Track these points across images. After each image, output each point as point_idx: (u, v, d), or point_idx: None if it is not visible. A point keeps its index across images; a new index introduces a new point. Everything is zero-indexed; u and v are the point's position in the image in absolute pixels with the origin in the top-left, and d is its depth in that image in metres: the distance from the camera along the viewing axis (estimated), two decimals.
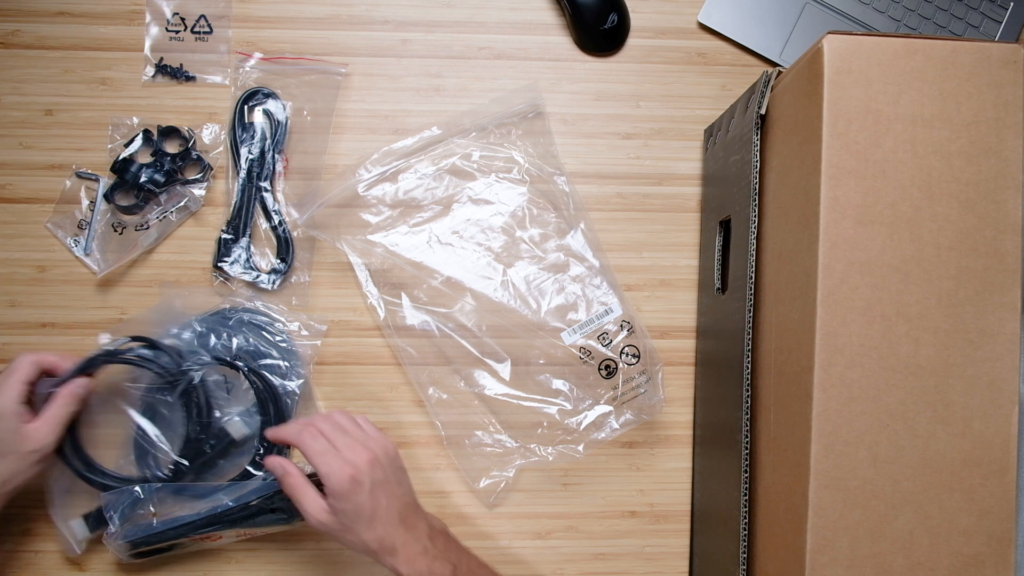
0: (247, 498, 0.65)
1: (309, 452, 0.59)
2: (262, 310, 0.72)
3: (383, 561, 0.59)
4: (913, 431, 0.52)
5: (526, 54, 0.77)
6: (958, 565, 0.51)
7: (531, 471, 0.74)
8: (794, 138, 0.57)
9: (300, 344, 0.72)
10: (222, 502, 0.65)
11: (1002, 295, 0.52)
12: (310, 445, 0.60)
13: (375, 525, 0.58)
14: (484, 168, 0.74)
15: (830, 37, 0.52)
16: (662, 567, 0.75)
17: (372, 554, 0.59)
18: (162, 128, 0.73)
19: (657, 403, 0.71)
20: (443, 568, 0.60)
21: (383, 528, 0.59)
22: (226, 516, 0.65)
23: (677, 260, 0.77)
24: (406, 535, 0.60)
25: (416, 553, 0.59)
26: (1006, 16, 0.78)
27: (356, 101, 0.76)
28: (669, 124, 0.78)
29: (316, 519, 0.58)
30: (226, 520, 0.65)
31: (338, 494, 0.57)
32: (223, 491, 0.67)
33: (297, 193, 0.74)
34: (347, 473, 0.58)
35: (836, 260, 0.52)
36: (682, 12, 0.78)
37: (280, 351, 0.71)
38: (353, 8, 0.76)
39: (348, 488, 0.58)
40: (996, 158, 0.52)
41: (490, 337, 0.73)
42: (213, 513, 0.65)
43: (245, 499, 0.65)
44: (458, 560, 0.61)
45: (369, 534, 0.58)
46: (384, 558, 0.59)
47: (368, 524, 0.58)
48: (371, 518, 0.58)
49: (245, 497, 0.65)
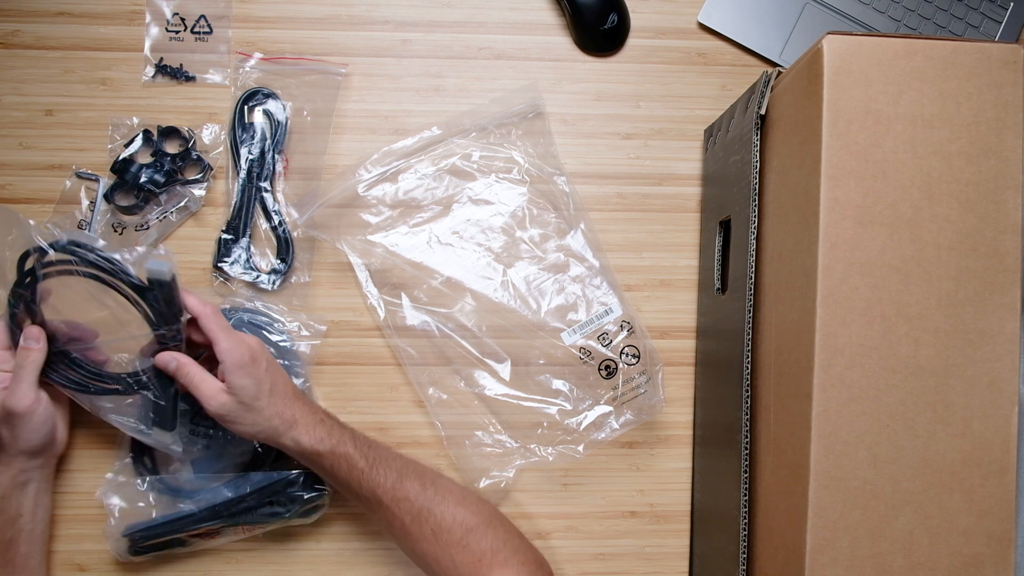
0: (244, 490, 0.66)
1: (213, 326, 0.61)
2: (262, 310, 0.72)
3: (283, 437, 0.61)
4: (913, 431, 0.52)
5: (526, 54, 0.77)
6: (958, 565, 0.51)
7: (531, 471, 0.74)
8: (794, 138, 0.57)
9: (300, 344, 0.72)
10: (221, 495, 0.66)
11: (1002, 295, 0.52)
12: (214, 320, 0.62)
13: (275, 399, 0.61)
14: (484, 168, 0.74)
15: (830, 37, 0.52)
16: (662, 567, 0.75)
17: (272, 432, 0.61)
18: (162, 128, 0.73)
19: (657, 403, 0.71)
20: (341, 434, 0.63)
21: (282, 402, 0.62)
22: (223, 509, 0.66)
23: (677, 260, 0.77)
24: (303, 408, 0.63)
25: (315, 422, 0.63)
26: (1006, 16, 0.78)
27: (356, 101, 0.76)
28: (669, 124, 0.78)
29: (217, 401, 0.60)
30: (225, 513, 0.66)
31: (239, 368, 0.60)
32: (221, 485, 0.67)
33: (297, 193, 0.74)
34: (246, 347, 0.61)
35: (836, 260, 0.52)
36: (682, 12, 0.78)
37: (280, 351, 0.71)
38: (353, 8, 0.76)
39: (248, 362, 0.60)
40: (996, 158, 0.52)
41: (490, 337, 0.73)
42: (212, 506, 0.66)
43: (242, 491, 0.66)
44: (352, 431, 0.65)
45: (270, 409, 0.61)
46: (285, 432, 0.61)
47: (269, 398, 0.61)
48: (271, 392, 0.61)
49: (242, 489, 0.66)
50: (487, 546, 0.62)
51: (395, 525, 0.62)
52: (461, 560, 0.61)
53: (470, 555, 0.61)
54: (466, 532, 0.62)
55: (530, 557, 0.63)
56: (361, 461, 0.63)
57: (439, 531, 0.61)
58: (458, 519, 0.62)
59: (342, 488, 0.65)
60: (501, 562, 0.61)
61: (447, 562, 0.61)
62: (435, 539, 0.61)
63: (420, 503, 0.62)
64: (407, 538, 0.62)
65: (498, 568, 0.61)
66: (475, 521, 0.63)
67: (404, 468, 0.64)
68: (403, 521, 0.62)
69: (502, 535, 0.63)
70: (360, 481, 0.62)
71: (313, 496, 0.67)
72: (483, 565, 0.61)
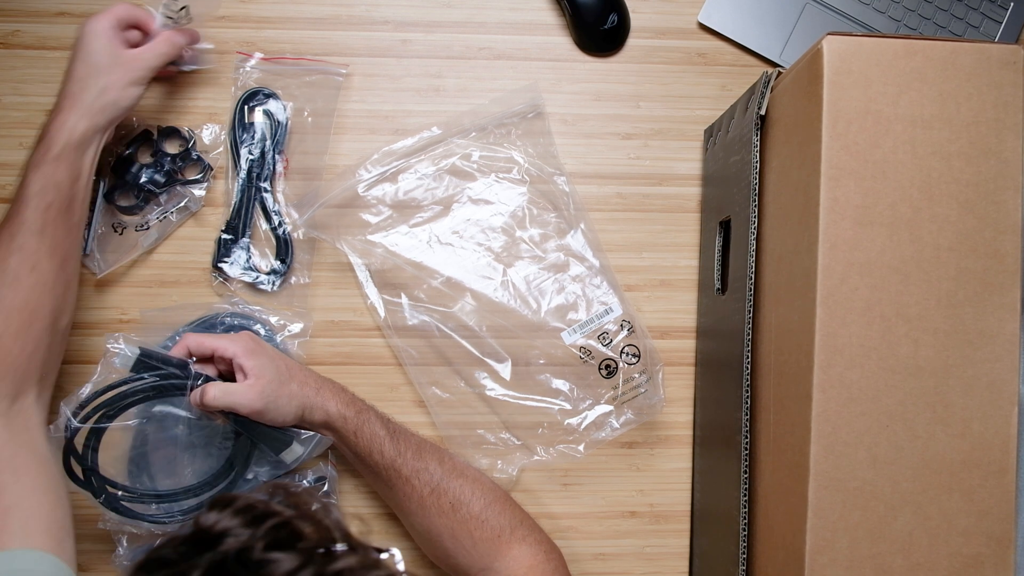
0: None
1: (202, 340, 0.62)
2: (245, 312, 0.72)
3: (315, 408, 0.62)
4: (913, 432, 0.52)
5: (526, 54, 0.77)
6: (957, 566, 0.51)
7: (531, 471, 0.74)
8: (794, 138, 0.57)
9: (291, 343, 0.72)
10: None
11: (1002, 296, 0.52)
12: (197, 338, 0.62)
13: (293, 372, 0.62)
14: (484, 168, 0.74)
15: (830, 38, 0.52)
16: (662, 567, 0.75)
17: (305, 403, 0.61)
18: (162, 128, 0.73)
19: (657, 403, 0.71)
20: (362, 403, 0.65)
21: (301, 373, 0.63)
22: None
23: (677, 260, 0.77)
24: (319, 377, 0.64)
25: (337, 389, 0.64)
26: (1006, 16, 0.78)
27: (356, 101, 0.76)
28: (669, 124, 0.78)
29: (252, 391, 0.59)
30: None
31: (250, 353, 0.60)
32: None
33: (297, 194, 0.74)
34: (244, 337, 0.62)
35: (836, 261, 0.52)
36: (682, 12, 0.78)
37: None
38: (353, 8, 0.76)
39: (253, 346, 0.61)
40: (996, 159, 0.52)
41: (490, 337, 0.73)
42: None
43: None
44: (370, 404, 0.66)
45: (296, 379, 0.62)
46: (315, 400, 0.62)
47: (288, 372, 0.62)
48: (288, 367, 0.62)
49: None
50: (506, 521, 0.62)
51: (412, 497, 0.62)
52: (480, 535, 0.61)
53: (489, 530, 0.61)
54: (485, 506, 0.62)
55: (544, 538, 0.64)
56: (382, 429, 0.63)
57: (458, 504, 0.62)
58: (476, 494, 0.63)
59: (361, 458, 0.64)
60: (520, 538, 0.62)
61: (464, 536, 0.61)
62: (453, 512, 0.62)
63: (439, 476, 0.63)
64: (423, 511, 0.62)
65: (517, 544, 0.61)
66: (492, 496, 0.63)
67: (422, 443, 0.65)
68: (421, 493, 0.62)
69: (519, 513, 0.64)
70: (382, 450, 0.62)
71: None
72: (502, 541, 0.61)
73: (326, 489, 0.68)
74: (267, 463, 0.67)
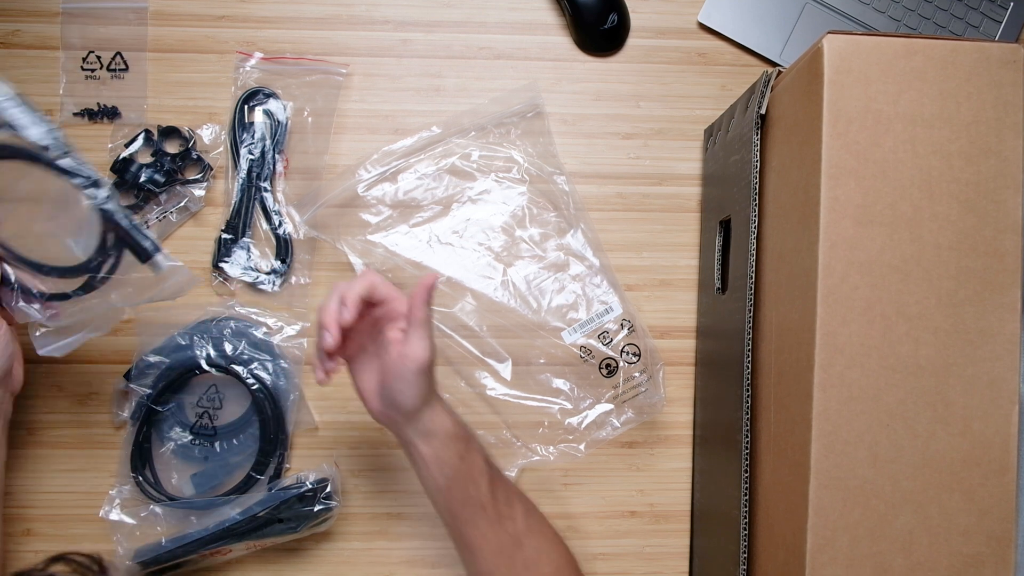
0: (254, 510, 0.65)
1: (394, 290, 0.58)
2: (242, 314, 0.72)
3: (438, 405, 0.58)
4: (913, 431, 0.52)
5: (526, 54, 0.77)
6: (958, 565, 0.51)
7: (531, 471, 0.74)
8: (794, 138, 0.57)
9: (287, 345, 0.72)
10: (229, 515, 0.65)
11: (1002, 295, 0.52)
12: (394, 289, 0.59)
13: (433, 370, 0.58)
14: (484, 168, 0.75)
15: (830, 37, 0.52)
16: (662, 567, 0.75)
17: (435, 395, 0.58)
18: (162, 128, 0.73)
19: (658, 402, 0.71)
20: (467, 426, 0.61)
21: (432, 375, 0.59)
22: (234, 529, 0.65)
23: (677, 260, 0.77)
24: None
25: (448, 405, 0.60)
26: (1006, 16, 0.78)
27: (356, 101, 0.76)
28: (669, 124, 0.78)
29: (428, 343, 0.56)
30: (234, 533, 0.65)
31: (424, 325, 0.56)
32: (229, 504, 0.66)
33: (297, 193, 0.74)
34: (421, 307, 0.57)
35: (836, 260, 0.52)
36: (682, 12, 0.78)
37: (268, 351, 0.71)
38: (353, 8, 0.76)
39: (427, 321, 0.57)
40: (996, 158, 0.52)
41: (491, 337, 0.73)
42: (221, 527, 0.65)
43: (252, 511, 0.65)
44: None
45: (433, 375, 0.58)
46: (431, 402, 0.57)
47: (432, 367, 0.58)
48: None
49: (252, 509, 0.65)
50: None
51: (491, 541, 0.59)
52: None
53: None
54: (553, 572, 0.61)
55: None
56: (484, 463, 0.59)
57: (530, 565, 0.60)
58: (552, 555, 0.61)
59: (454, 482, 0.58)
60: None
61: None
62: (524, 571, 0.59)
63: (523, 529, 0.60)
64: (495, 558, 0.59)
65: None
66: (563, 561, 0.62)
67: (511, 488, 0.62)
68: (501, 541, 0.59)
69: None
70: (480, 482, 0.58)
71: (322, 510, 0.66)
72: None
73: (328, 490, 0.68)
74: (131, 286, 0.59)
